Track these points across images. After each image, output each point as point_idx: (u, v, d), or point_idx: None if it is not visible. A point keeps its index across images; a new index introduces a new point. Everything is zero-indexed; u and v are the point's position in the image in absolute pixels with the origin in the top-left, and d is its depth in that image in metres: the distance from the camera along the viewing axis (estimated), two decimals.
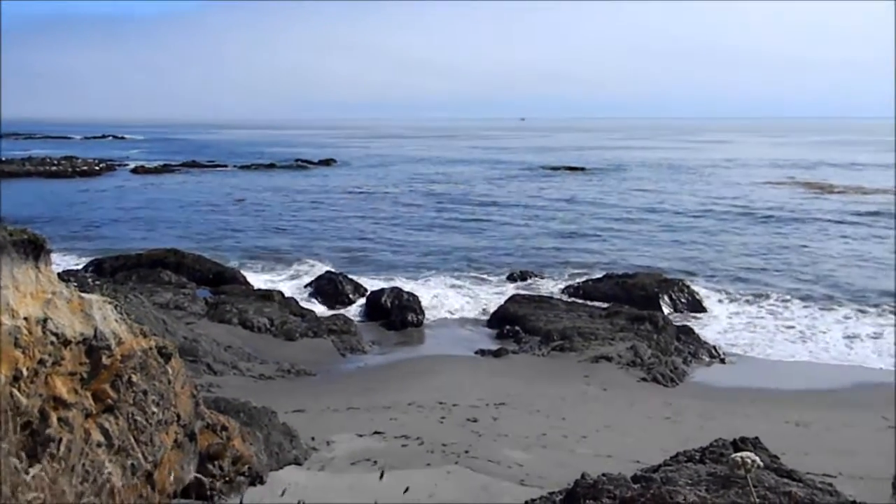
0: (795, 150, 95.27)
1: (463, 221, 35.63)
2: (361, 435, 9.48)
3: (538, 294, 21.08)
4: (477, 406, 11.73)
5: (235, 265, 24.31)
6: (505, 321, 18.47)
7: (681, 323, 18.38)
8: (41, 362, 3.56)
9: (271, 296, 19.58)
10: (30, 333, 3.67)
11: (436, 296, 21.07)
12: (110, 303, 4.31)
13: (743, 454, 2.97)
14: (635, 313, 18.22)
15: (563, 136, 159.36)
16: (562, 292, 21.83)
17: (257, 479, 6.82)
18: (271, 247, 29.00)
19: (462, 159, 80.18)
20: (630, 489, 4.74)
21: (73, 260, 25.10)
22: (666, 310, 19.67)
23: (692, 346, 16.76)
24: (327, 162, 72.89)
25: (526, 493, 6.80)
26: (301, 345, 16.75)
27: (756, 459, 2.95)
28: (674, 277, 22.07)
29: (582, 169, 64.60)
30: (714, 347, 16.83)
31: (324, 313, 19.18)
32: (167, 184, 53.53)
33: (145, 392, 4.02)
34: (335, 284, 21.33)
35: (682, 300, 20.33)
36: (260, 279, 23.18)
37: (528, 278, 23.49)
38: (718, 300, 20.83)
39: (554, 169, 64.86)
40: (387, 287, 20.59)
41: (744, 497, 4.46)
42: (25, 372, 3.56)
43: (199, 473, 5.64)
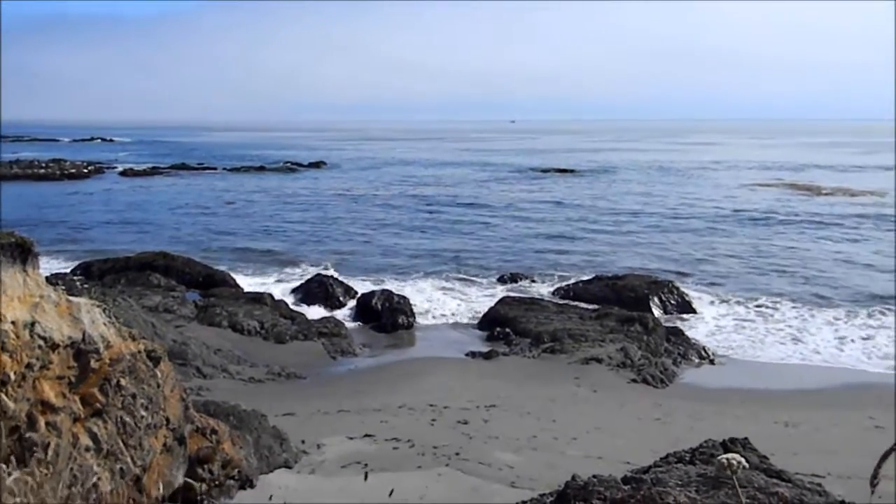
0: (783, 152, 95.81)
1: (453, 224, 35.62)
2: (352, 438, 9.46)
3: (528, 296, 21.07)
4: (467, 408, 11.73)
5: (225, 268, 24.17)
6: (495, 323, 18.46)
7: (671, 324, 18.41)
8: (29, 366, 3.54)
9: (261, 298, 19.52)
10: (17, 337, 3.65)
11: (427, 298, 21.08)
12: (99, 306, 4.29)
13: (729, 455, 2.98)
14: (625, 315, 18.25)
15: (553, 138, 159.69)
16: (552, 294, 21.85)
17: (247, 483, 6.80)
18: (261, 249, 28.89)
19: (452, 161, 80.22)
20: (620, 490, 4.75)
21: (62, 263, 24.92)
22: (656, 311, 19.70)
23: (682, 348, 16.78)
24: (318, 164, 72.74)
25: (516, 495, 6.81)
26: (291, 348, 16.69)
27: (742, 461, 2.96)
28: (663, 279, 22.11)
29: (571, 171, 64.76)
30: (704, 348, 16.85)
31: (314, 316, 19.13)
32: (156, 186, 53.28)
33: (134, 396, 4.00)
34: (325, 287, 21.27)
35: (672, 302, 20.37)
36: (250, 282, 23.07)
37: (519, 280, 23.50)
38: (709, 301, 20.86)
39: (544, 171, 65.00)
40: (377, 289, 20.54)
41: (734, 498, 4.48)
42: (13, 376, 3.54)
43: (189, 477, 5.62)
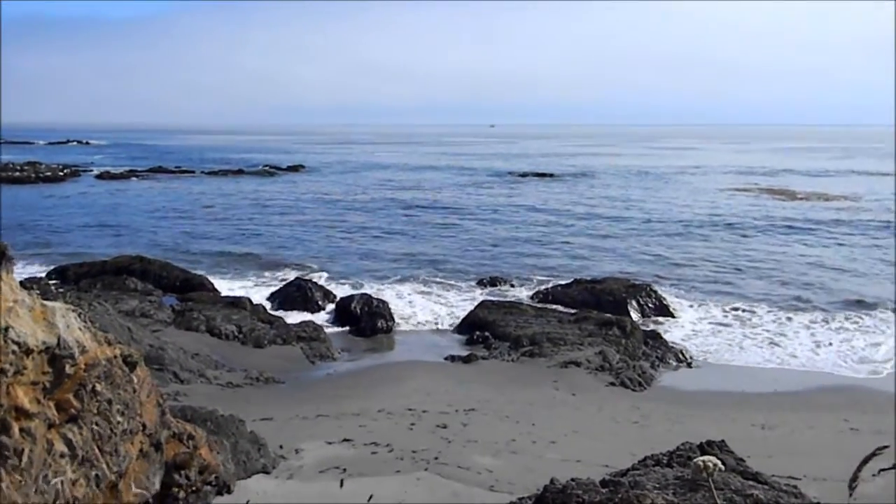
0: (759, 157, 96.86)
1: (432, 228, 35.60)
2: (331, 442, 9.43)
3: (507, 300, 21.11)
4: (446, 412, 11.73)
5: (203, 272, 24.00)
6: (474, 327, 18.48)
7: (649, 328, 18.54)
8: (2, 372, 3.49)
9: (239, 303, 19.41)
10: None
11: (406, 302, 21.07)
12: (74, 311, 4.24)
13: (706, 458, 3.00)
14: (604, 318, 18.35)
15: (532, 143, 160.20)
16: (531, 298, 21.92)
17: (224, 489, 6.73)
18: (239, 253, 28.68)
19: (431, 166, 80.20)
20: (598, 493, 4.77)
21: (37, 267, 24.60)
22: (634, 315, 19.81)
23: (660, 351, 16.90)
24: (296, 168, 72.44)
25: (495, 499, 6.82)
26: (269, 352, 16.60)
27: (719, 463, 2.99)
28: (642, 283, 22.25)
29: (551, 175, 65.04)
30: (681, 352, 16.98)
31: (293, 320, 19.05)
32: (133, 190, 52.79)
33: (110, 401, 3.95)
34: (304, 291, 21.18)
35: (650, 305, 20.50)
36: (228, 286, 22.91)
37: (498, 284, 23.53)
38: (687, 305, 21.03)
39: (523, 175, 65.17)
40: (356, 294, 20.48)
41: (710, 500, 4.51)
42: None
43: (165, 483, 5.56)
